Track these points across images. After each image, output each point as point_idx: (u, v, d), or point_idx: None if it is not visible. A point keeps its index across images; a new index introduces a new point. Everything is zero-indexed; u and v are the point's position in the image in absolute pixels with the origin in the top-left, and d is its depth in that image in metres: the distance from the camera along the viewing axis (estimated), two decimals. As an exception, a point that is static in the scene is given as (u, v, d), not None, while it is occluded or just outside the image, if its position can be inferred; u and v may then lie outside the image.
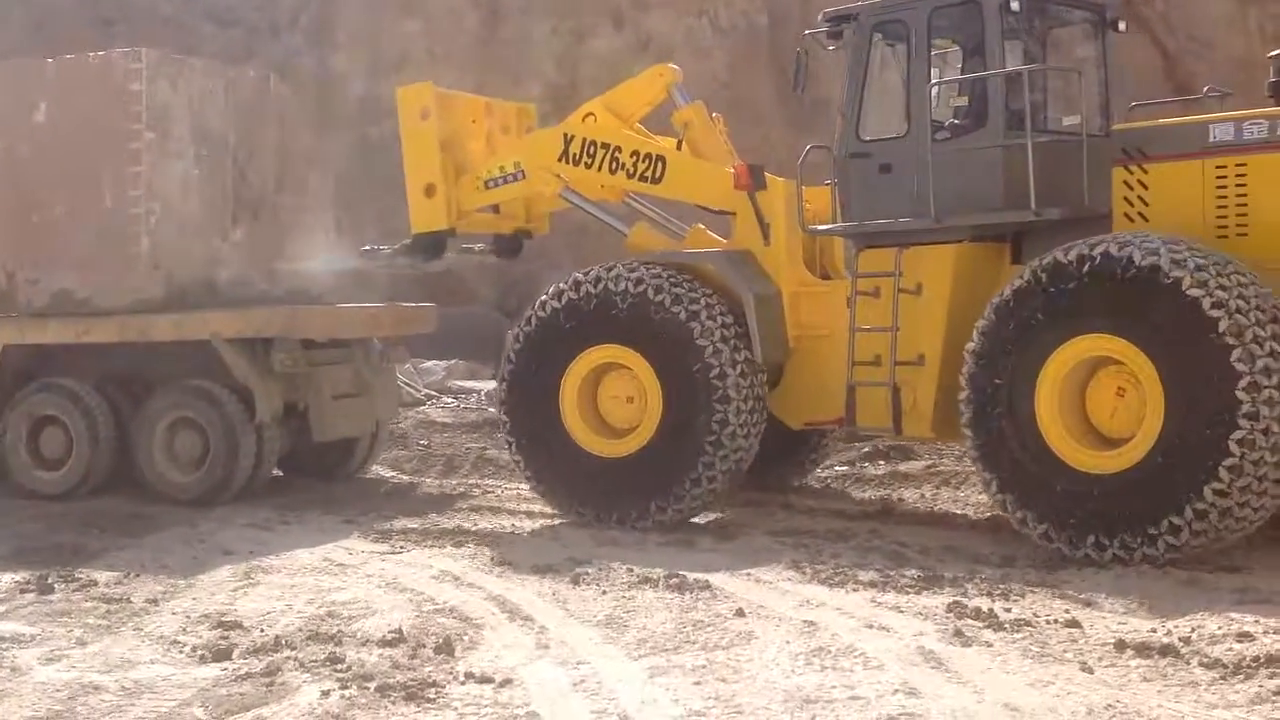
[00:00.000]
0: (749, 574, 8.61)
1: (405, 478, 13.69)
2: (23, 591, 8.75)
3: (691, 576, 8.46)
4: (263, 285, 13.03)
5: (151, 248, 12.36)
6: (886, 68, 10.39)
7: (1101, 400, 8.76)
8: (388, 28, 20.45)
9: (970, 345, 9.07)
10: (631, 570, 8.72)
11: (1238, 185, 8.87)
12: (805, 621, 7.34)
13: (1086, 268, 8.58)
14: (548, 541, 9.94)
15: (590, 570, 8.79)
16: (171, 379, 12.46)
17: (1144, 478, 8.39)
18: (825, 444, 12.18)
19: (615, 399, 10.68)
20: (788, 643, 6.97)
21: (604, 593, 8.25)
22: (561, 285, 10.76)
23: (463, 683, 6.54)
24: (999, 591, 7.96)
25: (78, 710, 6.31)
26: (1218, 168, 8.93)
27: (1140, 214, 9.21)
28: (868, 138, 10.21)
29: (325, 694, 6.40)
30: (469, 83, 17.03)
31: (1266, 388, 8.09)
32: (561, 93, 18.92)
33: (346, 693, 6.41)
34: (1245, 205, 8.87)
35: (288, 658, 6.98)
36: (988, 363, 8.97)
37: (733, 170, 10.87)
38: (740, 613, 7.57)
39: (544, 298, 10.88)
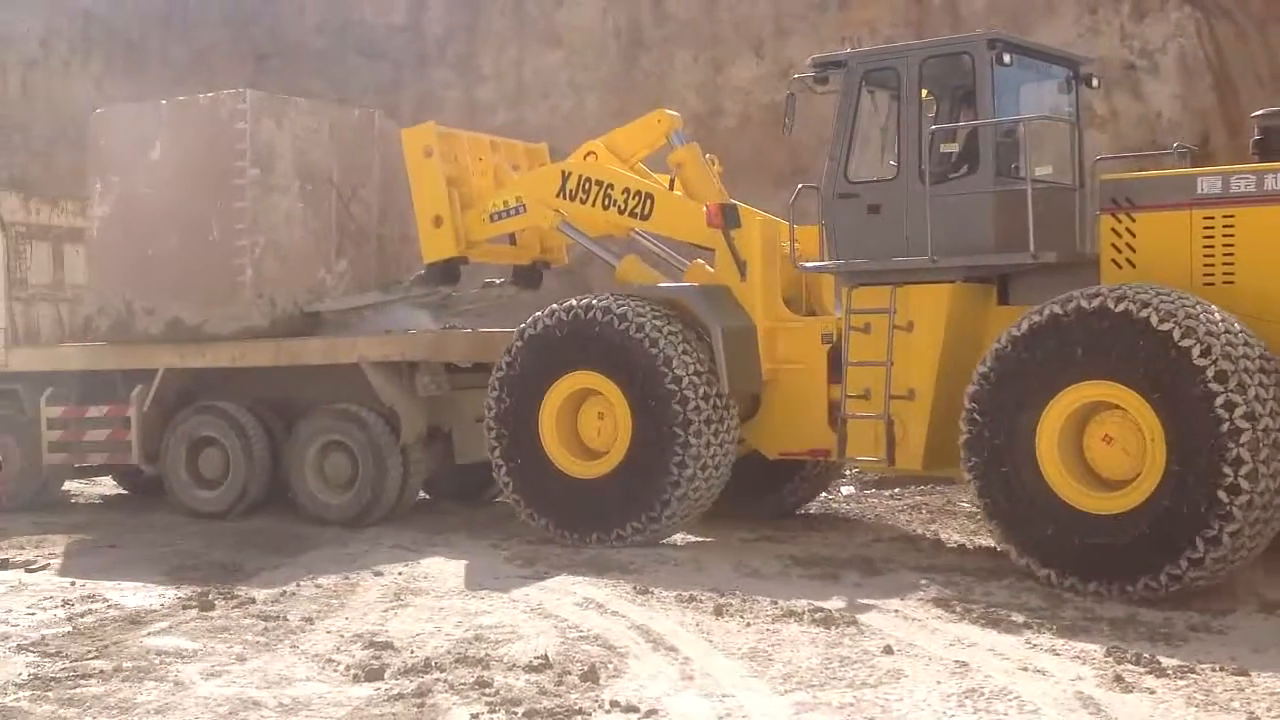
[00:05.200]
0: (896, 610, 8.50)
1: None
2: (185, 607, 9.05)
3: (837, 611, 8.39)
4: (368, 313, 13.32)
5: (255, 278, 12.93)
6: (875, 113, 10.77)
7: (1099, 444, 8.97)
8: (531, 58, 20.72)
9: (971, 389, 9.31)
10: (775, 603, 8.67)
11: (1225, 237, 9.16)
12: (957, 661, 7.22)
13: (1084, 318, 8.84)
14: (690, 571, 9.92)
15: (734, 602, 8.75)
16: (322, 402, 12.78)
17: (1150, 515, 8.57)
18: (819, 473, 12.38)
19: (592, 423, 11.15)
20: (939, 683, 6.85)
21: (748, 625, 8.21)
22: (540, 314, 11.28)
23: (608, 711, 6.57)
24: (1160, 635, 7.75)
25: (238, 725, 6.49)
26: (1205, 219, 9.24)
27: (1128, 260, 9.51)
28: (856, 179, 10.56)
29: (475, 717, 6.50)
30: (610, 111, 17.20)
31: (1262, 417, 8.32)
32: (702, 121, 19.00)
33: (495, 717, 6.49)
34: (1232, 256, 9.15)
35: (438, 679, 7.09)
36: (988, 407, 9.21)
37: (705, 209, 11.35)
38: (888, 650, 7.47)
39: (524, 326, 11.35)
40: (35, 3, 24.32)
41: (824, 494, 13.36)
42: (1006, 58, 10.01)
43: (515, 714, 6.51)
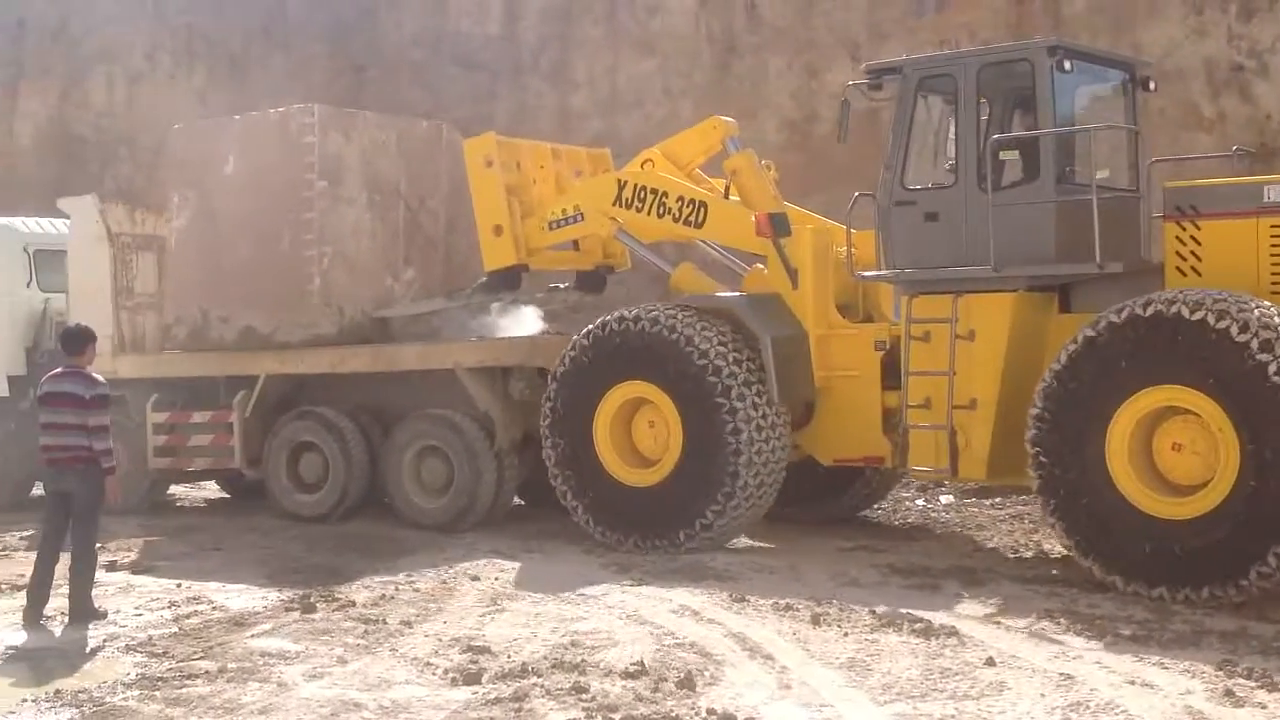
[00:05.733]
0: (999, 622, 8.36)
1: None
2: (287, 610, 9.18)
3: (938, 622, 8.27)
4: (436, 322, 13.44)
5: (323, 287, 13.21)
6: (932, 119, 10.73)
7: (1169, 450, 8.99)
8: (624, 66, 20.75)
9: (1038, 398, 9.28)
10: (874, 613, 8.57)
11: None
12: (1061, 674, 7.08)
13: (1155, 322, 8.85)
14: (787, 580, 9.85)
15: (831, 611, 8.68)
16: (418, 408, 12.90)
17: (1224, 521, 8.56)
18: (882, 477, 12.31)
19: (645, 432, 11.28)
20: (1043, 695, 6.73)
21: (846, 635, 8.13)
22: (592, 326, 11.37)
23: (705, 718, 6.53)
24: (1273, 650, 7.55)
25: (340, 727, 6.56)
26: (1273, 226, 9.23)
27: (1193, 269, 9.50)
28: (913, 186, 10.49)
29: (572, 723, 6.49)
30: (703, 118, 17.12)
31: None
32: (796, 127, 18.90)
33: (592, 723, 6.48)
34: None
35: (534, 684, 7.11)
36: (1059, 413, 9.18)
37: (754, 218, 11.39)
38: (990, 662, 7.35)
39: (578, 337, 11.44)
40: (140, 17, 24.89)
41: (923, 503, 13.22)
42: (1067, 65, 9.93)
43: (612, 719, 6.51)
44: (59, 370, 9.44)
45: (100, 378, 9.45)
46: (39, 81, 25.63)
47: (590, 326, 11.42)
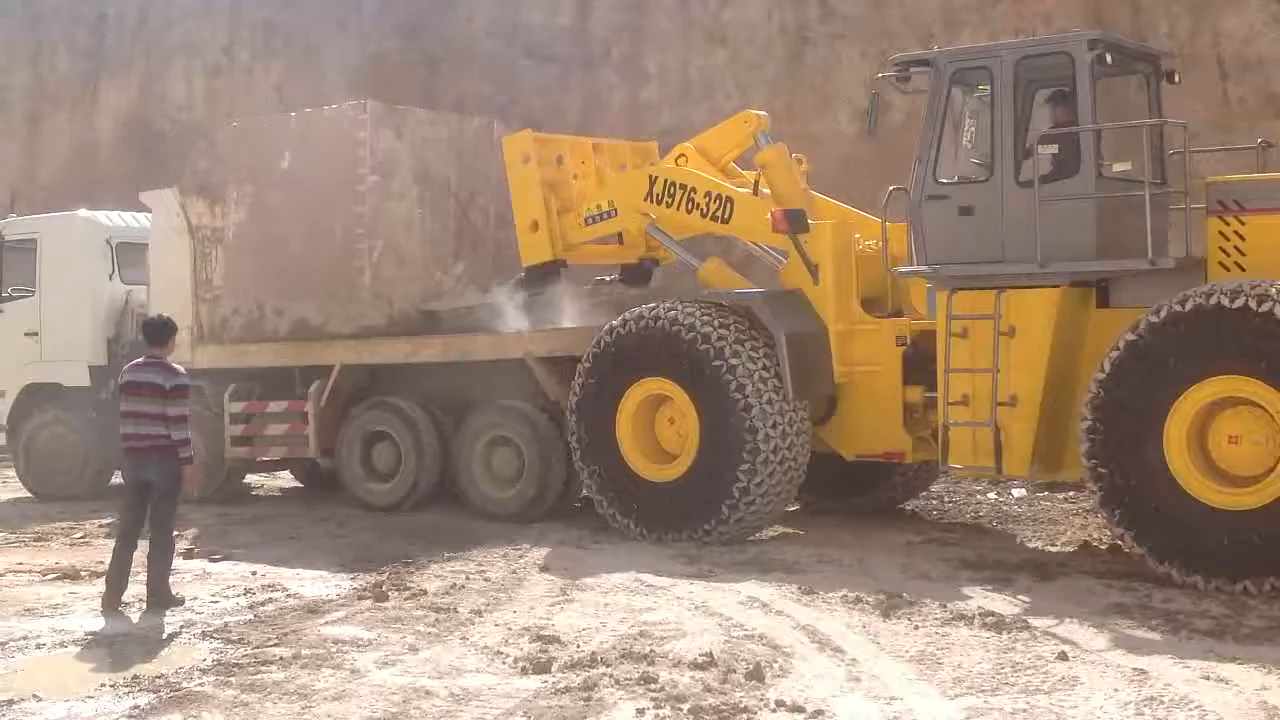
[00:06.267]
0: (1071, 616, 8.25)
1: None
2: (360, 598, 9.30)
3: (1009, 615, 8.21)
4: (482, 315, 13.54)
5: (374, 279, 13.47)
6: (964, 112, 10.65)
7: (1226, 444, 8.94)
8: (696, 58, 20.71)
9: (1088, 411, 9.23)
10: (944, 606, 8.52)
11: None
12: (1135, 669, 7.00)
13: (1196, 316, 8.85)
14: (856, 573, 9.81)
15: (901, 604, 8.63)
16: (490, 398, 12.99)
17: None
18: (920, 470, 12.27)
19: (666, 428, 11.38)
20: (1116, 690, 6.66)
21: (916, 628, 8.08)
22: (614, 323, 11.45)
23: (774, 710, 6.54)
24: (1353, 646, 7.40)
25: (411, 713, 6.64)
26: None
27: (1237, 263, 9.45)
28: (946, 180, 10.40)
29: (640, 712, 6.53)
30: (775, 109, 17.05)
31: None
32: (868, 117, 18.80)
33: (660, 712, 6.51)
34: None
35: (603, 674, 7.14)
36: (1110, 425, 9.14)
37: (770, 215, 11.40)
38: (1063, 656, 7.28)
39: (599, 335, 11.55)
40: (219, 12, 25.25)
41: (994, 496, 13.09)
42: (1109, 58, 9.83)
43: (680, 710, 6.52)
44: (140, 360, 9.60)
45: (180, 368, 9.60)
46: (119, 76, 26.08)
47: (613, 323, 11.52)
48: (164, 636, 8.56)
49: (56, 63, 26.79)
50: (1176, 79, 10.73)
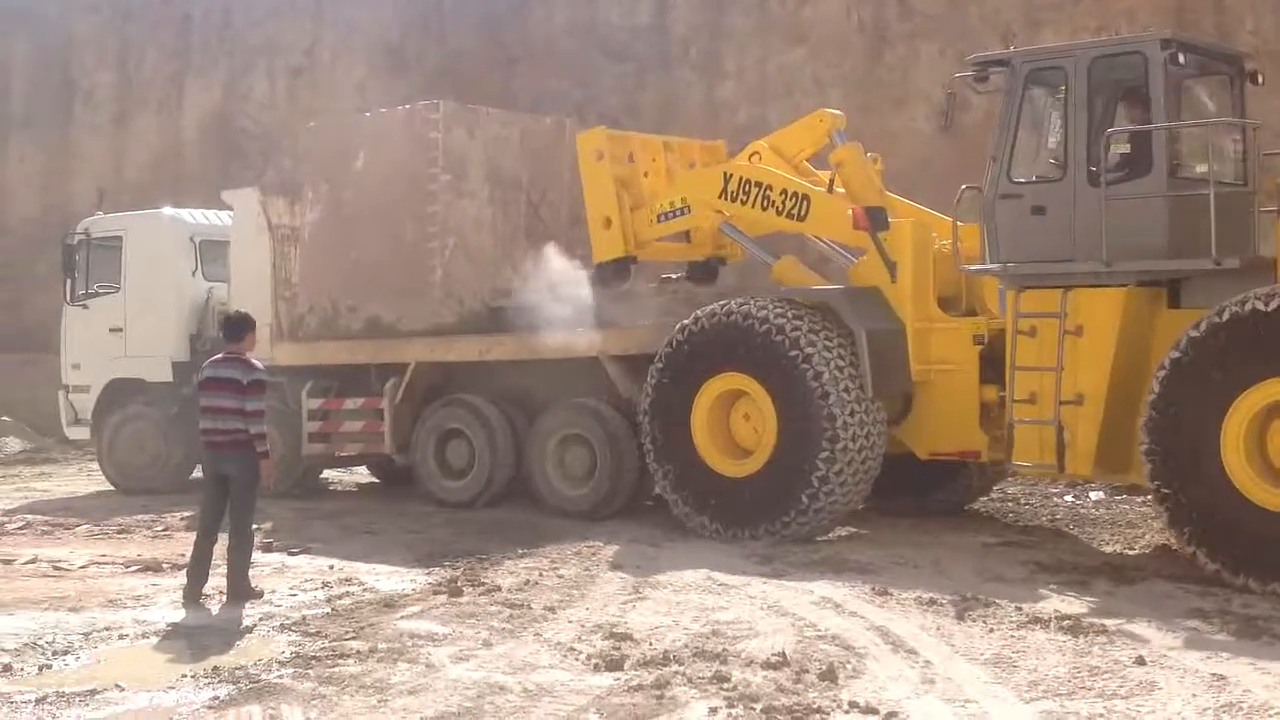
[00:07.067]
0: (1149, 620, 8.15)
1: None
2: (435, 593, 9.39)
3: (1086, 619, 8.11)
4: (552, 311, 13.59)
5: (445, 278, 13.59)
6: (1040, 113, 10.58)
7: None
8: (774, 56, 20.63)
9: (1151, 394, 9.19)
10: (1020, 609, 8.44)
11: None
12: (1214, 675, 6.90)
13: (1257, 319, 8.75)
14: (931, 574, 9.73)
15: (976, 606, 8.56)
16: (563, 396, 13.05)
17: None
18: (989, 470, 12.16)
19: (742, 424, 11.35)
20: (1194, 696, 6.57)
21: (991, 630, 8.01)
22: (688, 320, 11.48)
23: (847, 711, 6.52)
24: None
25: (485, 708, 6.69)
26: None
27: None
28: (1020, 179, 10.38)
29: (713, 711, 6.53)
30: (853, 107, 16.97)
31: None
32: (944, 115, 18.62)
33: (733, 711, 6.51)
34: None
35: (676, 672, 7.15)
36: (1171, 411, 9.07)
37: (851, 212, 11.32)
38: (1141, 660, 7.19)
39: (675, 331, 11.55)
40: (301, 12, 25.56)
41: (1071, 499, 12.93)
42: (1181, 58, 9.75)
43: (754, 710, 6.52)
44: (219, 356, 9.76)
45: (258, 363, 9.73)
46: (203, 76, 26.48)
47: (686, 320, 11.53)
48: (243, 628, 8.70)
49: (143, 63, 27.27)
50: (1260, 80, 10.58)
